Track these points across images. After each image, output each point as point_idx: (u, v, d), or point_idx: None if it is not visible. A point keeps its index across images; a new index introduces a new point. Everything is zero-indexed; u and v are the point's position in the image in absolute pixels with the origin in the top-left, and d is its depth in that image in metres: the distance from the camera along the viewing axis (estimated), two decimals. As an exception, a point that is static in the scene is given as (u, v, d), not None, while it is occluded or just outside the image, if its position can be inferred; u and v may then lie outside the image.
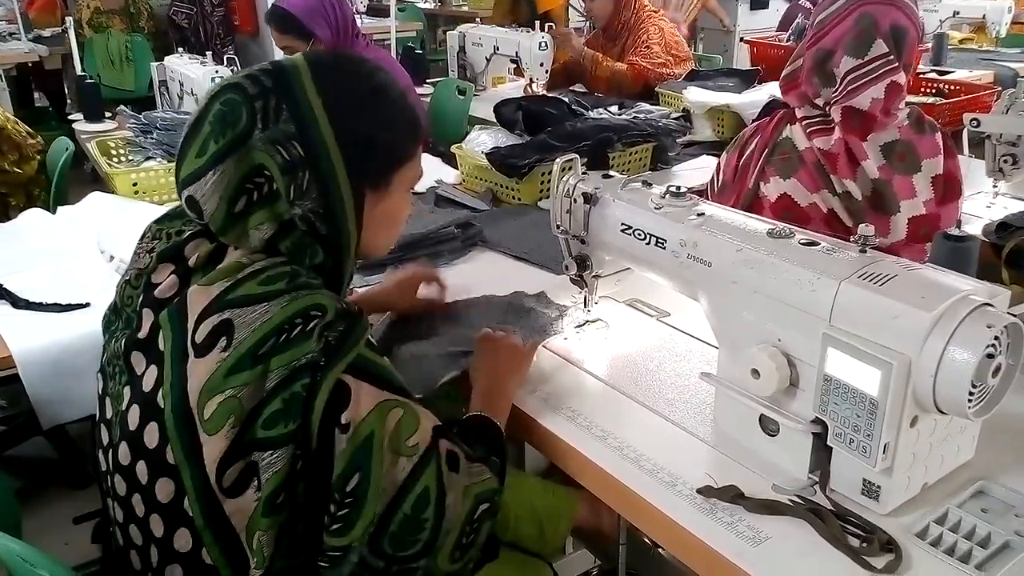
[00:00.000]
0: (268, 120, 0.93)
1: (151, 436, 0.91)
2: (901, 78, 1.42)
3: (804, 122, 1.51)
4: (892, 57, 1.41)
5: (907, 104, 1.48)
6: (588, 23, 3.82)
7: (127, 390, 0.95)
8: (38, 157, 2.66)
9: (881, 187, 1.44)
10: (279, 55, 2.69)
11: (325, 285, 0.95)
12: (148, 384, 0.92)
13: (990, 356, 0.87)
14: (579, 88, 3.42)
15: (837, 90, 1.44)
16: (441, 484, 0.94)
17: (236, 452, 0.87)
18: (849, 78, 1.43)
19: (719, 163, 1.70)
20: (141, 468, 0.92)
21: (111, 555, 1.06)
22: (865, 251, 0.98)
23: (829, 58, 1.45)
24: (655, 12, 3.44)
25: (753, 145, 1.62)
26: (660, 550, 1.61)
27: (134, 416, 0.93)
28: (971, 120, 1.77)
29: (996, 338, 0.87)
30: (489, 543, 1.03)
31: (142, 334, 0.94)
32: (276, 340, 0.87)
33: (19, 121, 2.74)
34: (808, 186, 1.50)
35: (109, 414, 0.99)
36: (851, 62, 1.42)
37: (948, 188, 1.45)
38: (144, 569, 0.96)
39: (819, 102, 1.49)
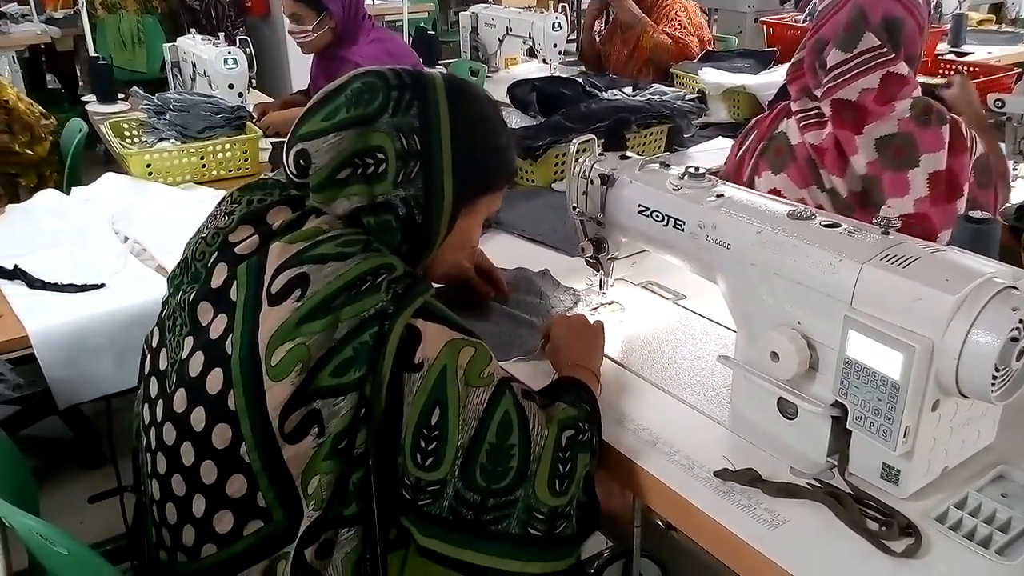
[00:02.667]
0: (399, 110, 1.01)
1: (214, 382, 0.94)
2: (901, 68, 1.37)
3: (798, 115, 1.48)
4: (886, 50, 1.36)
5: (917, 93, 1.41)
6: None
7: (188, 340, 0.99)
8: (50, 138, 2.66)
9: (868, 184, 1.40)
10: (291, 39, 2.68)
11: None
12: (216, 332, 0.96)
13: (1014, 339, 0.86)
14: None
15: (824, 81, 1.41)
16: (521, 409, 0.97)
17: (300, 399, 0.91)
18: (835, 72, 1.40)
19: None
20: (198, 415, 0.95)
21: (139, 515, 1.10)
22: (888, 233, 0.97)
23: (824, 48, 1.41)
24: None
25: (751, 137, 1.61)
26: (675, 532, 1.61)
27: (197, 363, 0.96)
28: (995, 101, 1.74)
29: (1021, 321, 0.86)
30: (591, 506, 1.04)
31: (214, 285, 0.98)
32: (348, 294, 0.92)
33: (32, 102, 2.74)
34: (797, 181, 1.48)
35: (163, 365, 1.02)
36: (839, 56, 1.39)
37: (948, 188, 1.38)
38: (181, 521, 0.99)
39: (818, 93, 1.46)
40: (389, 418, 0.93)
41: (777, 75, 2.68)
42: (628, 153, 1.32)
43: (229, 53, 2.52)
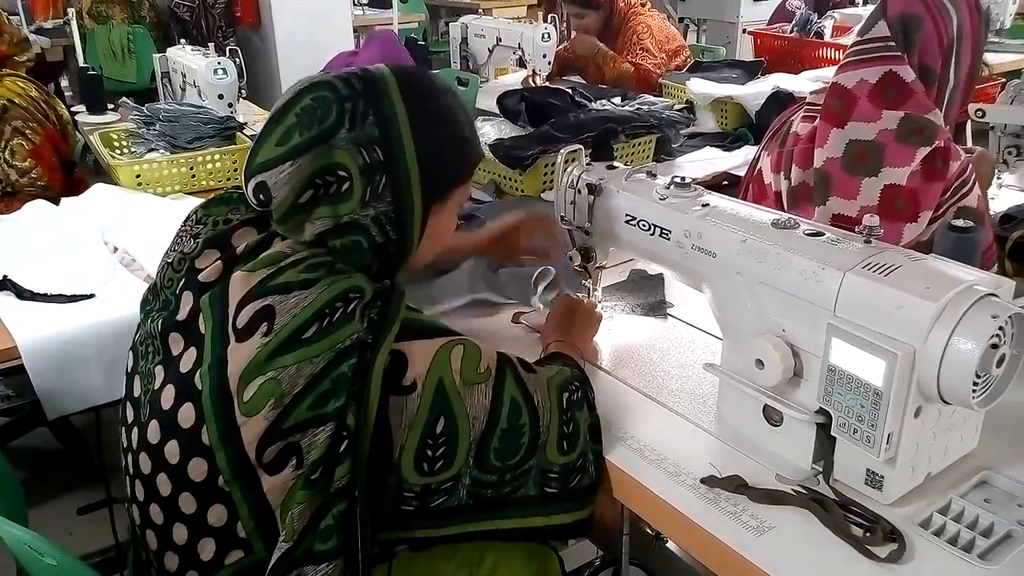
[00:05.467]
0: (355, 122, 0.96)
1: (186, 417, 0.93)
2: (906, 73, 1.30)
3: (805, 107, 1.49)
4: (893, 44, 1.31)
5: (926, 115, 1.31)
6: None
7: (159, 369, 0.97)
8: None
9: (820, 178, 1.36)
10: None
11: None
12: (185, 365, 0.94)
13: (994, 346, 0.87)
14: (577, 79, 3.41)
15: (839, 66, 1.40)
16: (525, 389, 0.99)
17: (276, 433, 0.89)
18: (847, 53, 1.38)
19: None
20: (172, 448, 0.94)
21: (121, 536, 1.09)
22: (870, 241, 0.98)
23: None
24: (640, 10, 3.40)
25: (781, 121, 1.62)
26: (663, 540, 1.62)
27: (168, 396, 0.95)
28: (976, 111, 1.76)
29: (1000, 328, 0.87)
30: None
31: (181, 316, 0.96)
32: (320, 324, 0.90)
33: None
34: (774, 166, 1.49)
35: (137, 392, 1.01)
36: (855, 40, 1.38)
37: (904, 206, 1.31)
38: (161, 548, 0.97)
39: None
40: (377, 444, 0.91)
41: (765, 85, 2.70)
42: (615, 163, 1.34)
43: (219, 63, 2.52)
